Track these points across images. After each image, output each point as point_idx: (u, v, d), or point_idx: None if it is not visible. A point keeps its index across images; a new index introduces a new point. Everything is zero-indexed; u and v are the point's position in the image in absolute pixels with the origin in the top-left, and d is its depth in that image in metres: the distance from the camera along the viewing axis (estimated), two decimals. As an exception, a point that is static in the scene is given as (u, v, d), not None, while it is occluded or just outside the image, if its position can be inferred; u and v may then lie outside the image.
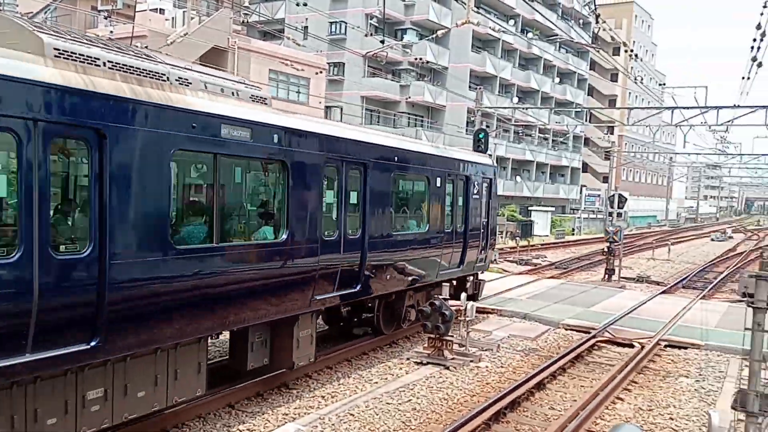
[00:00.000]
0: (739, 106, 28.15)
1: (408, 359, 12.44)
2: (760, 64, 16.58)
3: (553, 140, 67.22)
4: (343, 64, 51.17)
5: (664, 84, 52.20)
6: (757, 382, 7.14)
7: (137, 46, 27.31)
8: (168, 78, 7.71)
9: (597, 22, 16.11)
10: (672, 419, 9.85)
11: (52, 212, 6.26)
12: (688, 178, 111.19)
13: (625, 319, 16.79)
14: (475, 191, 15.51)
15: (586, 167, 79.87)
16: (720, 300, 21.44)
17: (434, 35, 30.66)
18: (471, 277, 16.22)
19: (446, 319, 12.18)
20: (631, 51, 19.58)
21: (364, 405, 9.61)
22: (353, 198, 10.92)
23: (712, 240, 54.25)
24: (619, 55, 69.98)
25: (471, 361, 12.34)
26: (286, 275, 9.32)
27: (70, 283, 6.33)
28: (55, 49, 6.58)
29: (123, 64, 7.20)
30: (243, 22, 35.51)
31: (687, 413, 10.13)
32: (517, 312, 17.00)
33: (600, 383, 11.04)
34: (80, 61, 6.75)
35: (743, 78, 21.04)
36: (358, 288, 11.05)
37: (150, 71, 7.51)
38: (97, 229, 6.55)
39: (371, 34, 25.96)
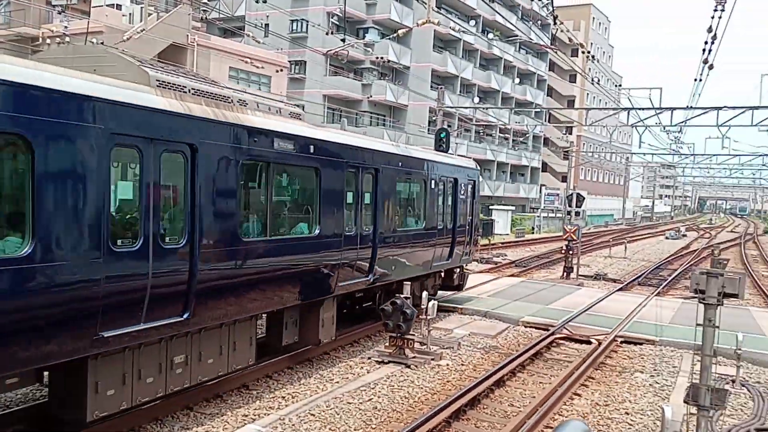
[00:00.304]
0: (691, 107, 28.86)
1: (369, 358, 12.43)
2: (711, 67, 17.01)
3: (513, 140, 67.97)
4: (305, 62, 50.92)
5: (620, 85, 53.24)
6: (708, 377, 7.33)
7: (92, 42, 26.72)
8: (232, 100, 9.27)
9: (555, 24, 16.35)
10: (627, 414, 10.06)
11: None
12: (644, 178, 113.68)
13: (583, 316, 17.08)
14: (462, 193, 17.19)
15: (545, 167, 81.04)
16: (674, 297, 21.98)
17: (396, 35, 30.72)
18: (458, 269, 17.68)
19: (407, 317, 12.21)
20: (588, 52, 19.92)
21: (324, 405, 9.57)
22: (367, 198, 12.57)
23: (667, 238, 55.56)
24: (577, 56, 71.07)
25: (432, 359, 12.40)
26: (318, 264, 11.06)
27: (172, 267, 7.91)
28: (157, 80, 8.10)
29: (201, 90, 8.76)
30: (202, 18, 35.02)
31: (642, 408, 10.35)
32: (477, 310, 17.14)
33: (558, 379, 11.21)
34: (174, 89, 8.27)
35: (695, 80, 21.60)
36: (370, 277, 12.76)
37: (219, 95, 9.06)
38: (189, 224, 8.17)
39: (332, 33, 25.86)
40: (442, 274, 17.02)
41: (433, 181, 15.32)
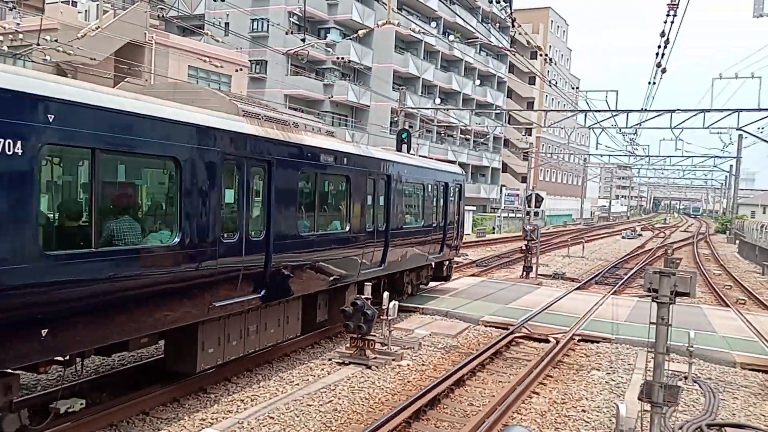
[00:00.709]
0: (646, 110, 29.53)
1: (330, 360, 12.38)
2: (664, 70, 17.42)
3: (474, 141, 68.57)
4: (266, 61, 50.53)
5: (578, 87, 54.14)
6: (662, 374, 7.49)
7: (46, 40, 25.93)
8: (289, 123, 11.56)
9: (513, 26, 16.53)
10: (584, 411, 10.22)
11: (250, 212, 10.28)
12: (601, 179, 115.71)
13: (542, 315, 17.30)
14: (452, 195, 19.58)
15: (505, 167, 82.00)
16: (630, 295, 22.43)
17: (357, 35, 30.70)
18: (447, 262, 20.04)
19: (368, 318, 12.21)
20: (546, 55, 20.20)
21: (284, 407, 9.50)
22: (381, 200, 15.06)
23: (623, 238, 56.69)
24: (536, 59, 72.04)
25: (393, 359, 12.41)
26: (348, 256, 13.33)
27: (255, 255, 10.20)
28: (242, 110, 10.34)
29: (270, 117, 11.12)
30: (160, 16, 34.42)
31: (598, 405, 10.52)
32: (438, 310, 17.23)
33: (517, 378, 11.32)
34: (255, 117, 10.55)
35: (649, 83, 22.10)
36: (383, 267, 15.19)
37: (281, 120, 11.42)
38: (266, 222, 10.56)
39: (293, 32, 25.72)
40: (433, 265, 19.20)
41: (429, 186, 18.02)
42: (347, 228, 13.22)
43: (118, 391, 9.59)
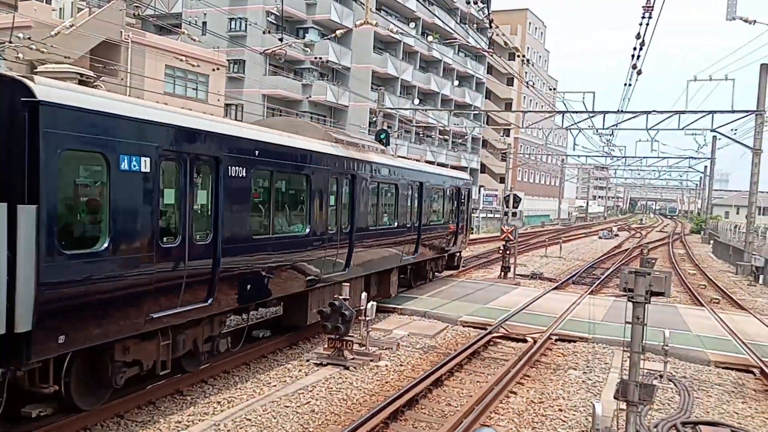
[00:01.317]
0: (622, 111, 29.84)
1: (308, 360, 12.32)
2: (639, 72, 17.60)
3: (452, 142, 68.81)
4: (244, 61, 50.22)
5: (556, 88, 54.53)
6: (637, 373, 7.56)
7: (19, 38, 25.42)
8: (361, 145, 15.82)
9: (491, 28, 16.61)
10: (561, 410, 10.28)
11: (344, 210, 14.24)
12: (579, 179, 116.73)
13: (520, 314, 17.38)
14: (463, 198, 23.28)
15: (484, 168, 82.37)
16: (606, 295, 22.62)
17: (335, 35, 30.62)
18: (458, 253, 24.10)
19: (346, 319, 12.17)
20: (524, 57, 20.33)
21: (261, 409, 9.43)
22: (416, 204, 18.71)
23: (600, 238, 57.20)
24: (514, 60, 72.46)
25: (371, 360, 12.39)
26: (397, 245, 17.39)
27: (341, 243, 14.13)
28: (335, 138, 14.42)
29: (349, 141, 15.14)
30: (137, 15, 34.08)
31: (575, 404, 10.59)
32: (417, 310, 17.23)
33: (495, 378, 11.37)
34: (341, 143, 14.49)
35: (625, 84, 22.32)
36: (416, 255, 18.88)
37: (356, 143, 15.59)
38: (350, 221, 14.40)
39: (270, 32, 25.58)
40: (446, 257, 22.82)
41: (448, 190, 21.84)
42: (395, 224, 17.32)
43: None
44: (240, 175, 10.19)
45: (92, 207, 8.03)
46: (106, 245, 7.78)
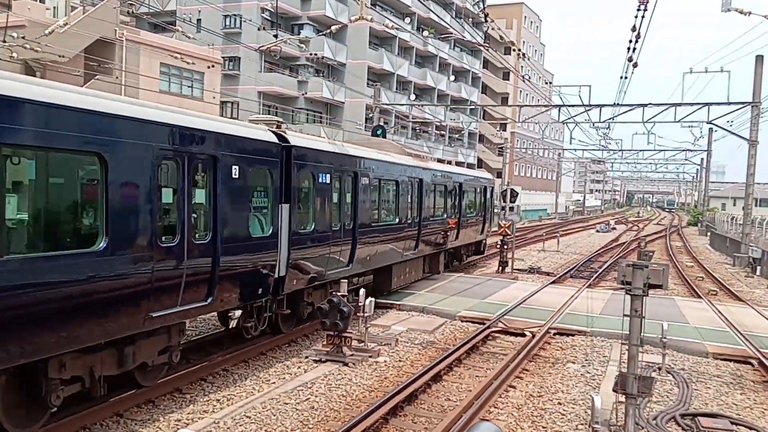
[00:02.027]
0: (619, 104, 29.85)
1: (307, 357, 12.33)
2: (635, 65, 17.59)
3: (449, 137, 68.78)
4: (239, 58, 50.06)
5: (551, 82, 54.53)
6: (636, 366, 7.57)
7: (13, 37, 25.27)
8: (422, 156, 22.96)
9: (487, 22, 16.58)
10: (560, 404, 10.29)
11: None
12: (575, 173, 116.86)
13: (518, 309, 17.41)
14: (488, 194, 28.17)
15: (481, 163, 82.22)
16: (604, 288, 22.67)
17: (330, 31, 30.53)
18: (484, 240, 28.84)
19: (345, 315, 12.17)
20: (520, 51, 20.30)
21: (261, 406, 9.43)
22: (456, 200, 23.22)
23: (597, 231, 57.29)
24: (510, 54, 72.41)
25: (370, 356, 12.39)
26: (442, 233, 21.47)
27: (413, 230, 18.85)
28: (407, 151, 20.14)
29: (414, 152, 22.33)
30: (131, 13, 33.93)
31: (574, 397, 10.61)
32: (415, 306, 17.24)
33: (494, 372, 11.38)
34: (410, 154, 20.04)
35: (621, 77, 22.31)
36: (457, 241, 23.66)
37: (418, 153, 23.25)
38: (419, 215, 19.23)
39: (265, 28, 25.53)
40: (476, 243, 27.79)
41: (478, 188, 26.82)
42: (444, 217, 21.50)
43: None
44: (374, 184, 15.96)
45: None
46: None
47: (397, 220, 17.38)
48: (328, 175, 13.51)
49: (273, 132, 11.86)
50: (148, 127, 8.47)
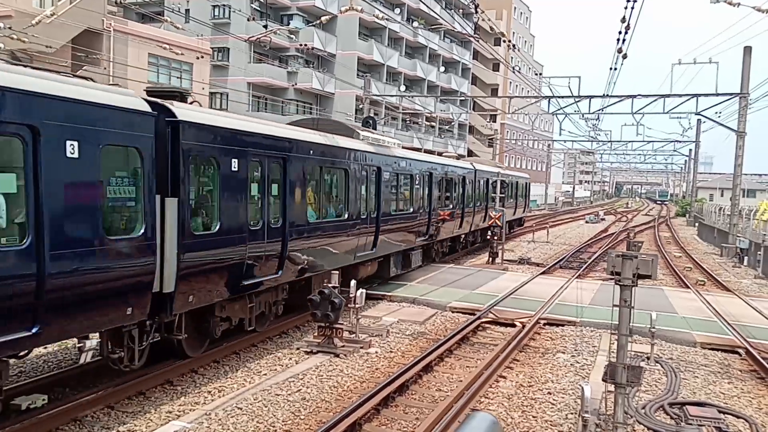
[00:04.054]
0: (608, 95, 29.92)
1: (298, 349, 12.35)
2: (625, 56, 17.64)
3: (439, 128, 68.74)
4: (228, 49, 49.80)
5: (541, 74, 54.53)
6: (625, 355, 7.63)
7: (-1, 27, 24.85)
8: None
9: (476, 13, 16.57)
10: (550, 393, 10.37)
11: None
12: (565, 164, 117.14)
13: (508, 299, 17.49)
14: (525, 188, 37.47)
15: (471, 154, 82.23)
16: (593, 279, 22.78)
17: (320, 22, 30.43)
18: (522, 217, 38.62)
19: (336, 307, 12.18)
20: (510, 42, 20.31)
21: (252, 398, 9.44)
22: (516, 191, 35.16)
23: (587, 222, 57.48)
24: (500, 45, 72.35)
25: (361, 347, 12.42)
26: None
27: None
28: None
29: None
30: (118, 2, 33.65)
31: (564, 387, 10.69)
32: (406, 297, 17.29)
33: (484, 363, 11.44)
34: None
35: (611, 69, 22.37)
36: (515, 214, 36.34)
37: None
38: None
39: (254, 19, 25.38)
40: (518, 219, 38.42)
41: (518, 183, 36.31)
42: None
43: (82, 386, 9.43)
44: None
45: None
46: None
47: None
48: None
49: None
50: None
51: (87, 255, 7.62)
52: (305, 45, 47.51)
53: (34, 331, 7.04)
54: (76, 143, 7.40)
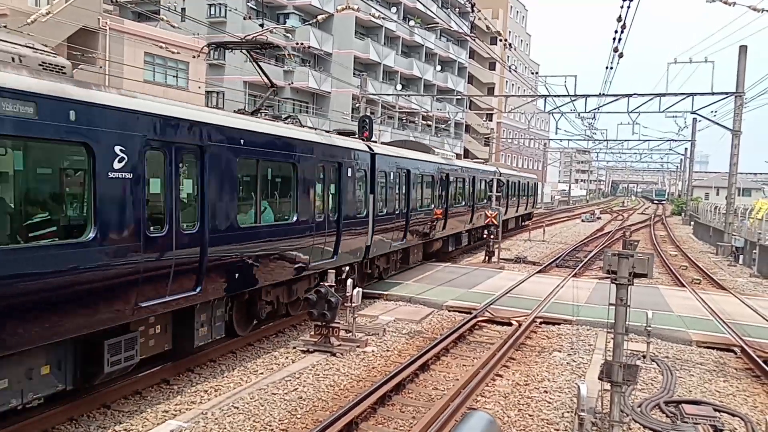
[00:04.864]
0: (604, 94, 29.98)
1: (294, 348, 12.34)
2: (621, 55, 17.66)
3: (436, 127, 68.73)
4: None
5: (538, 73, 54.56)
6: (621, 354, 7.64)
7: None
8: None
9: (473, 12, 16.57)
10: (546, 392, 10.39)
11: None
12: (561, 163, 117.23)
13: (504, 298, 17.50)
14: (535, 188, 45.77)
15: (467, 153, 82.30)
16: (589, 277, 22.82)
17: (316, 20, 30.42)
18: (531, 212, 44.56)
19: (332, 306, 12.17)
20: (506, 41, 20.32)
21: (248, 397, 9.44)
22: (526, 190, 41.91)
23: (583, 221, 57.56)
24: (496, 44, 72.38)
25: (357, 346, 12.42)
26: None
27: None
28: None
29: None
30: (114, 1, 33.60)
31: (560, 386, 10.71)
32: (402, 296, 17.29)
33: (481, 361, 11.45)
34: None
35: (607, 68, 22.41)
36: (527, 209, 44.43)
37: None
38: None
39: (250, 17, 25.35)
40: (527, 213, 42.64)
41: (527, 183, 41.45)
42: (521, 201, 32.67)
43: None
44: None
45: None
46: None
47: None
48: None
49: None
50: None
51: (353, 225, 15.39)
52: (302, 44, 47.44)
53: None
54: (349, 169, 15.00)
